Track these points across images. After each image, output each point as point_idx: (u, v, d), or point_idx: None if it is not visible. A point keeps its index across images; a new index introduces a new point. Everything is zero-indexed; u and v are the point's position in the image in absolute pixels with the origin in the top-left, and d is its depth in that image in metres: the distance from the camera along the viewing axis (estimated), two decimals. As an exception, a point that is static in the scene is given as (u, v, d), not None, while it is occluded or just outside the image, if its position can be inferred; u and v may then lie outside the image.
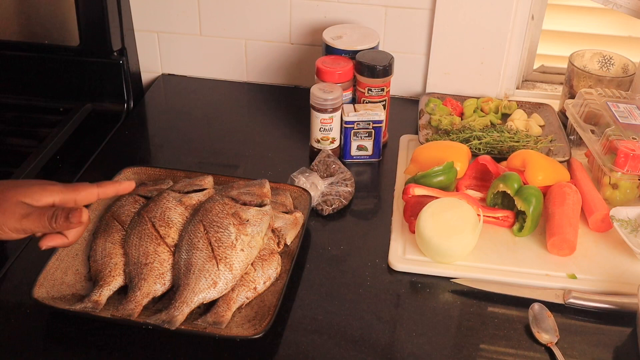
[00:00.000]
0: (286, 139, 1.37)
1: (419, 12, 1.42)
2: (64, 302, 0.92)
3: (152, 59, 1.58)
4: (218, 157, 1.33)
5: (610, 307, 0.97)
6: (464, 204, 1.06)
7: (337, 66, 1.26)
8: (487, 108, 1.41)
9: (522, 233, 1.09)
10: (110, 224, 1.02)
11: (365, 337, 0.93)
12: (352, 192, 1.19)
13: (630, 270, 1.04)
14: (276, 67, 1.55)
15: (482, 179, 1.20)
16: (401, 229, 1.11)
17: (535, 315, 0.96)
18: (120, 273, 0.96)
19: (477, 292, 1.00)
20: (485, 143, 1.28)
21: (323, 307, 0.97)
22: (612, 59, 1.41)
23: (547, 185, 1.15)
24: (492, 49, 1.43)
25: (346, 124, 1.25)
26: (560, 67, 1.54)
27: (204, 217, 0.98)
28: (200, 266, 0.93)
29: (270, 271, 0.98)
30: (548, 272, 1.04)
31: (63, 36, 1.42)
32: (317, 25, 1.47)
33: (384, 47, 1.45)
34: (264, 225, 1.00)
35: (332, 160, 1.23)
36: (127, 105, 1.46)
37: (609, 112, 1.23)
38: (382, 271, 1.04)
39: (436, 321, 0.96)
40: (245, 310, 0.94)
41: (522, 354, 0.92)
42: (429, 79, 1.49)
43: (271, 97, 1.53)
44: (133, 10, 1.48)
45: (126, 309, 0.90)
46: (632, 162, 1.11)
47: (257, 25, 1.50)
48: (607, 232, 1.11)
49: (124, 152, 1.33)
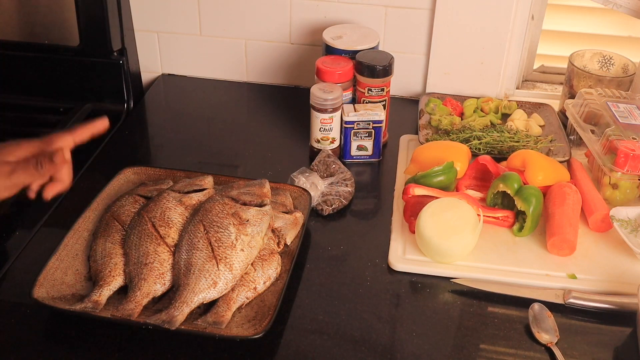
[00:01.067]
0: (286, 139, 1.37)
1: (419, 12, 1.42)
2: (64, 302, 0.92)
3: (152, 59, 1.58)
4: (218, 157, 1.33)
5: (610, 307, 0.97)
6: (464, 204, 1.06)
7: (337, 66, 1.26)
8: (487, 108, 1.41)
9: (522, 233, 1.09)
10: (110, 224, 1.02)
11: (365, 337, 0.93)
12: (352, 192, 1.19)
13: (630, 270, 1.04)
14: (276, 67, 1.55)
15: (482, 179, 1.20)
16: (401, 229, 1.11)
17: (535, 315, 0.96)
18: (120, 273, 0.96)
19: (477, 292, 1.00)
20: (485, 143, 1.28)
21: (323, 307, 0.97)
22: (612, 59, 1.41)
23: (547, 185, 1.15)
24: (492, 49, 1.43)
25: (346, 124, 1.25)
26: (560, 67, 1.54)
27: (204, 217, 0.98)
28: (200, 266, 0.93)
29: (270, 271, 0.98)
30: (548, 272, 1.04)
31: (63, 36, 1.42)
32: (317, 25, 1.47)
33: (384, 47, 1.45)
34: (264, 225, 1.00)
35: (332, 160, 1.23)
36: (127, 105, 1.46)
37: (609, 112, 1.23)
38: (382, 271, 1.04)
39: (436, 321, 0.96)
40: (245, 310, 0.94)
41: (522, 354, 0.92)
42: (429, 79, 1.49)
43: (271, 97, 1.53)
44: (133, 10, 1.48)
45: (126, 309, 0.90)
46: (632, 162, 1.11)
47: (257, 25, 1.50)
48: (607, 232, 1.11)
49: (124, 152, 1.33)
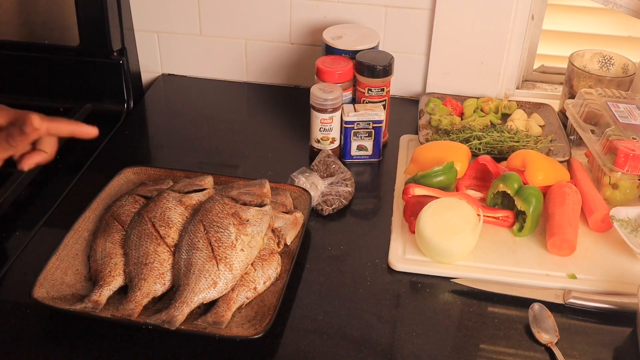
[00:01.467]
0: (286, 139, 1.37)
1: (419, 12, 1.42)
2: (64, 302, 0.92)
3: (152, 59, 1.58)
4: (218, 157, 1.33)
5: (610, 307, 0.97)
6: (464, 204, 1.06)
7: (337, 66, 1.26)
8: (487, 108, 1.41)
9: (522, 233, 1.09)
10: (110, 224, 1.02)
11: (365, 337, 0.93)
12: (352, 192, 1.19)
13: (630, 270, 1.04)
14: (276, 67, 1.55)
15: (482, 179, 1.20)
16: (401, 229, 1.11)
17: (535, 315, 0.96)
18: (120, 273, 0.96)
19: (477, 292, 1.00)
20: (485, 143, 1.28)
21: (323, 307, 0.97)
22: (612, 59, 1.41)
23: (547, 185, 1.15)
24: (492, 49, 1.43)
25: (346, 124, 1.24)
26: (560, 67, 1.54)
27: (204, 217, 0.98)
28: (200, 266, 0.93)
29: (270, 271, 0.98)
30: (548, 272, 1.04)
31: (63, 36, 1.41)
32: (317, 25, 1.47)
33: (384, 47, 1.45)
34: (264, 225, 1.00)
35: (332, 160, 1.23)
36: (127, 105, 1.45)
37: (609, 112, 1.23)
38: (382, 271, 1.04)
39: (436, 321, 0.96)
40: (245, 310, 0.94)
41: (522, 354, 0.92)
42: (429, 79, 1.49)
43: (271, 97, 1.53)
44: (133, 10, 1.48)
45: (126, 309, 0.90)
46: (632, 162, 1.11)
47: (257, 25, 1.50)
48: (607, 232, 1.11)
49: (124, 152, 1.33)
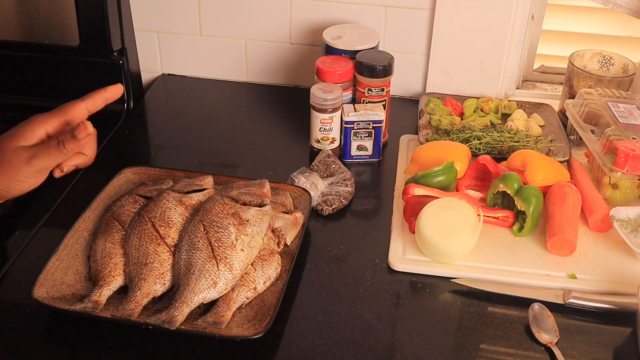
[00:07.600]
0: (286, 139, 1.37)
1: (419, 12, 1.42)
2: (64, 302, 0.92)
3: (152, 59, 1.58)
4: (218, 157, 1.33)
5: (610, 307, 0.97)
6: (464, 204, 1.06)
7: (337, 66, 1.26)
8: (487, 108, 1.41)
9: (522, 233, 1.09)
10: (110, 224, 1.02)
11: (365, 337, 0.93)
12: (352, 192, 1.19)
13: (630, 270, 1.04)
14: (276, 67, 1.55)
15: (482, 179, 1.20)
16: (401, 229, 1.11)
17: (535, 315, 0.96)
18: (120, 273, 0.96)
19: (477, 292, 1.00)
20: (485, 143, 1.28)
21: (323, 307, 0.97)
22: (612, 59, 1.41)
23: (547, 185, 1.15)
24: (492, 49, 1.43)
25: (346, 124, 1.24)
26: (560, 67, 1.54)
27: (204, 217, 0.98)
28: (200, 266, 0.93)
29: (270, 271, 0.98)
30: (548, 272, 1.04)
31: (63, 36, 1.41)
32: (317, 25, 1.47)
33: (384, 47, 1.45)
34: (264, 225, 1.00)
35: (332, 160, 1.23)
36: (127, 106, 1.45)
37: (609, 112, 1.23)
38: (382, 271, 1.04)
39: (436, 321, 0.96)
40: (245, 310, 0.94)
41: (522, 354, 0.92)
42: (429, 79, 1.49)
43: (271, 97, 1.53)
44: (133, 10, 1.48)
45: (126, 309, 0.90)
46: (632, 162, 1.11)
47: (257, 25, 1.50)
48: (607, 232, 1.11)
49: (124, 152, 1.33)
